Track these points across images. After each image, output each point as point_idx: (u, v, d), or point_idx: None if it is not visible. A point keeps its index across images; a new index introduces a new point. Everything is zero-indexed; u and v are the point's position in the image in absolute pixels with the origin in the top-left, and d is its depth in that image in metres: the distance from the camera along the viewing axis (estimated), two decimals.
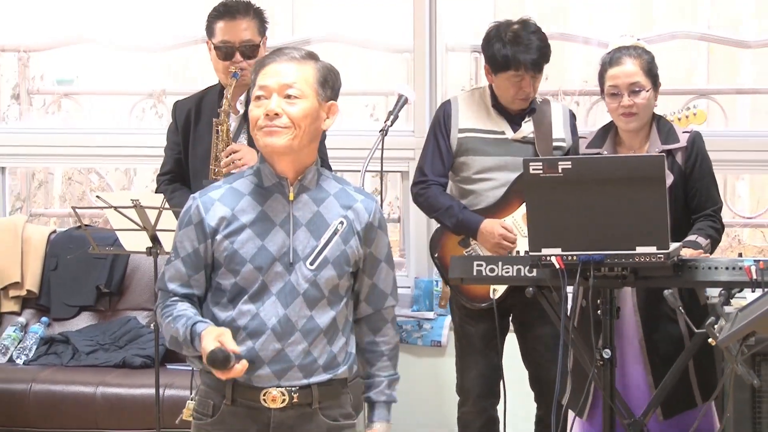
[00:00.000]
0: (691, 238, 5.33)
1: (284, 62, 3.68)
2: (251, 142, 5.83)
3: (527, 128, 5.88)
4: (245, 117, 5.88)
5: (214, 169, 5.74)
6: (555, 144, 5.82)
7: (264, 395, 3.66)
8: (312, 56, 3.73)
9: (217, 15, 5.86)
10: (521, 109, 5.91)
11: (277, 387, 3.66)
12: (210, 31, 5.85)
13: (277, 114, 3.63)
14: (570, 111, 6.05)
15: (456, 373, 6.18)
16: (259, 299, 3.66)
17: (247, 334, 3.65)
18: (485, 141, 5.91)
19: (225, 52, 5.79)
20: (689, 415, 5.34)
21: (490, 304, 5.80)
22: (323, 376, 3.69)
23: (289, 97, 3.65)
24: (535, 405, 6.11)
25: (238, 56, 5.78)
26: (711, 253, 5.40)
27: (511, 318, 6.05)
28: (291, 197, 3.70)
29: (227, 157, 5.70)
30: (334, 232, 3.71)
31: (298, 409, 3.69)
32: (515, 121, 5.92)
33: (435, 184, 5.95)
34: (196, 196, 3.78)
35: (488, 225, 5.76)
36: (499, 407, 5.94)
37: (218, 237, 3.66)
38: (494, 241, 5.73)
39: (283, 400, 3.66)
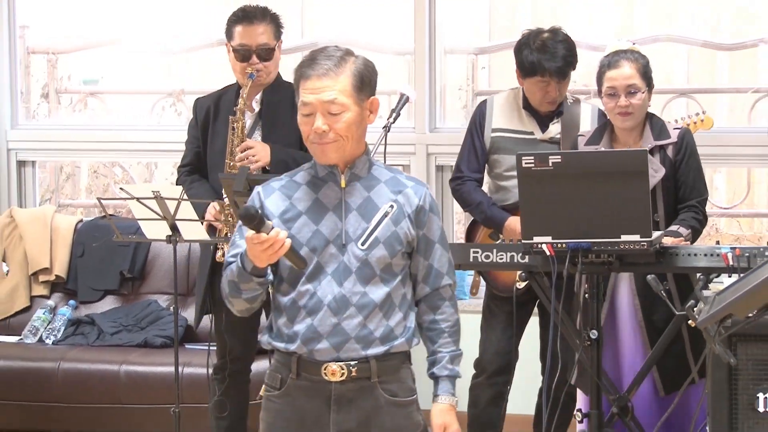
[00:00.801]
0: (673, 228, 5.33)
1: (321, 77, 3.63)
2: (265, 139, 5.85)
3: (555, 129, 5.88)
4: (260, 114, 5.89)
5: (230, 163, 5.74)
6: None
7: (324, 369, 3.65)
8: (345, 59, 3.68)
9: (236, 19, 5.86)
10: (551, 111, 5.91)
11: (337, 361, 3.65)
12: (229, 34, 5.85)
13: (324, 131, 3.63)
14: (599, 110, 5.99)
15: (479, 349, 6.18)
16: (315, 279, 3.66)
17: (306, 312, 3.65)
18: (515, 141, 5.91)
19: (243, 54, 5.78)
20: (688, 391, 5.34)
21: (516, 290, 5.82)
22: (380, 348, 3.67)
23: (332, 113, 3.63)
24: (539, 379, 6.12)
25: (254, 58, 5.78)
26: (692, 242, 5.40)
27: (537, 303, 6.04)
28: (343, 184, 3.70)
29: (242, 152, 5.71)
30: (384, 215, 3.69)
31: (358, 383, 3.67)
32: (544, 122, 5.91)
33: (470, 180, 5.96)
34: (259, 188, 3.79)
35: (512, 222, 5.76)
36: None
37: (276, 222, 3.65)
38: (517, 238, 5.73)
39: (342, 374, 3.65)
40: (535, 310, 6.03)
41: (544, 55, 5.74)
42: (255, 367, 6.13)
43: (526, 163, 4.88)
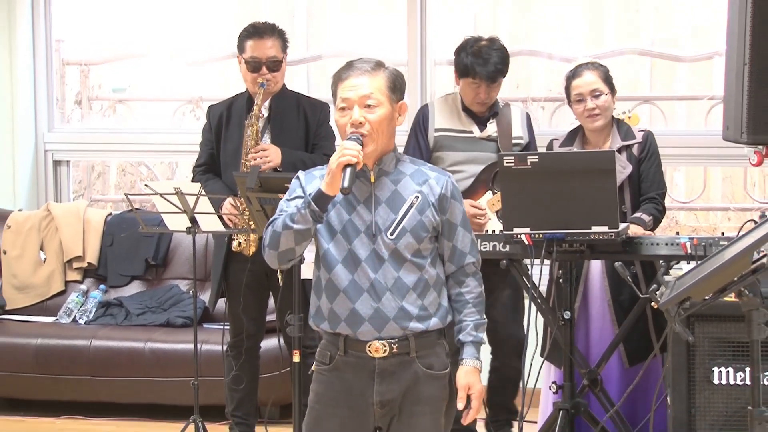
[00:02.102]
0: (637, 215, 5.37)
1: (359, 76, 3.66)
2: (274, 141, 5.84)
3: (491, 128, 5.86)
4: (269, 119, 5.89)
5: (245, 163, 5.74)
6: (514, 141, 5.79)
7: (369, 347, 3.67)
8: (380, 65, 3.71)
9: (247, 35, 5.86)
10: (484, 112, 5.89)
11: (379, 339, 3.66)
12: (241, 47, 5.85)
13: (360, 123, 3.62)
14: (526, 113, 6.01)
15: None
16: (351, 266, 3.66)
17: (347, 297, 3.66)
18: (456, 139, 5.89)
19: (254, 66, 5.79)
20: (650, 365, 5.34)
21: None
22: (417, 326, 3.67)
23: (368, 106, 3.63)
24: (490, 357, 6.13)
25: (264, 69, 5.79)
26: (654, 229, 5.40)
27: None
28: (372, 179, 3.68)
29: (257, 153, 5.70)
30: (410, 206, 3.68)
31: (398, 358, 3.68)
32: (482, 122, 5.89)
33: None
34: (300, 173, 3.79)
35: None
36: None
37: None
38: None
39: (385, 351, 3.66)
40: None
41: (478, 60, 5.73)
42: (264, 345, 6.14)
43: (507, 163, 4.88)
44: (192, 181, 5.82)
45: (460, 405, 3.76)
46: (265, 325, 6.12)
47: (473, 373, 3.77)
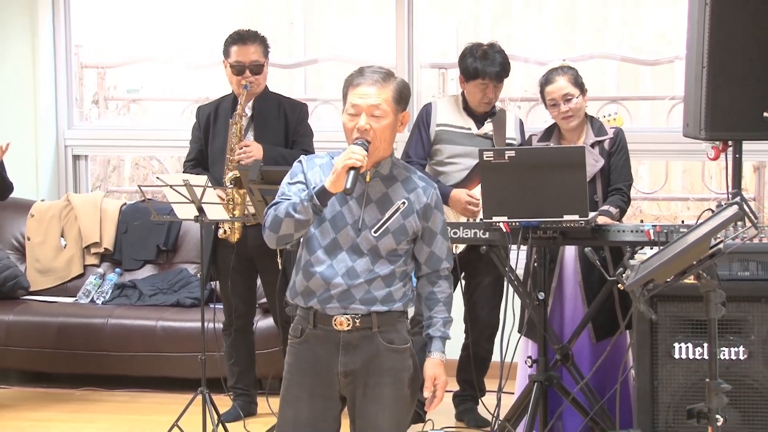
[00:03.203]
0: (604, 208, 5.35)
1: (370, 85, 3.64)
2: (257, 138, 5.88)
3: (487, 127, 5.89)
4: (252, 119, 5.93)
5: (230, 158, 5.82)
6: (507, 141, 5.82)
7: (334, 321, 3.67)
8: (390, 76, 3.69)
9: (232, 41, 5.92)
10: (485, 112, 5.91)
11: (344, 314, 3.66)
12: (226, 53, 5.91)
13: (366, 130, 3.61)
14: (520, 119, 6.07)
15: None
16: (333, 252, 3.66)
17: (323, 278, 3.65)
18: (456, 134, 5.92)
19: (238, 70, 5.85)
20: (616, 341, 5.34)
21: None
22: (381, 308, 3.68)
23: (374, 116, 3.62)
24: (461, 337, 6.15)
25: (248, 73, 5.85)
26: (620, 219, 5.40)
27: (463, 271, 6.05)
28: (368, 179, 3.67)
29: (240, 149, 5.74)
30: (397, 210, 3.69)
31: (361, 332, 3.68)
32: (479, 121, 5.92)
33: (417, 164, 5.96)
34: (303, 158, 3.79)
35: (457, 193, 5.77)
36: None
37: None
38: (462, 206, 5.74)
39: (349, 324, 3.67)
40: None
41: (485, 62, 5.78)
42: (265, 323, 6.14)
43: (486, 157, 4.87)
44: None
45: (427, 394, 3.78)
46: (255, 304, 6.17)
47: (439, 365, 3.79)
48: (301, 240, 3.76)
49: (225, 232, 5.84)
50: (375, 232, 3.66)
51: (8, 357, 7.01)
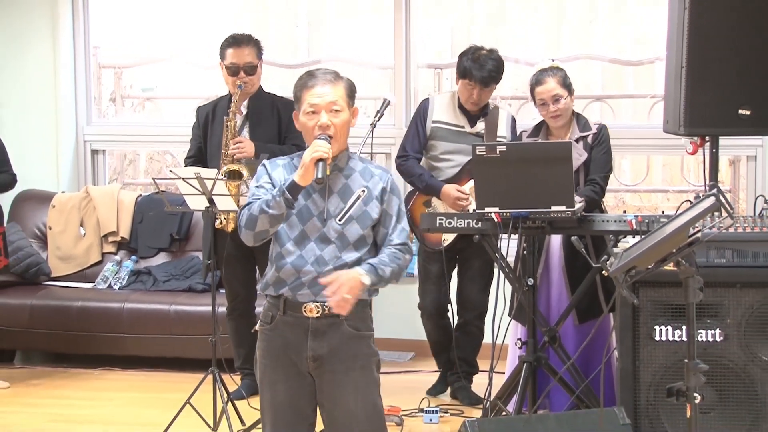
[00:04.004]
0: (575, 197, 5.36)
1: (324, 84, 3.66)
2: (252, 135, 5.94)
3: (480, 126, 5.90)
4: (247, 116, 5.98)
5: (225, 153, 5.87)
6: (498, 139, 5.81)
7: (304, 308, 3.64)
8: (339, 76, 3.73)
9: (227, 44, 5.97)
10: (477, 112, 5.91)
11: (314, 302, 3.64)
12: (222, 55, 5.96)
13: (328, 125, 3.63)
14: (512, 117, 6.05)
15: (419, 299, 6.21)
16: (302, 243, 3.65)
17: (294, 268, 3.64)
18: (450, 131, 5.92)
19: (233, 71, 5.90)
20: (600, 324, 5.35)
21: (441, 248, 5.92)
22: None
23: (333, 111, 3.65)
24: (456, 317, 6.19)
25: (242, 74, 5.88)
26: (591, 207, 5.34)
27: (455, 258, 6.07)
28: (328, 172, 3.64)
29: (234, 145, 5.76)
30: (357, 198, 3.68)
31: (329, 320, 3.65)
32: (473, 120, 5.94)
33: (413, 158, 5.99)
34: (265, 162, 3.79)
35: (447, 188, 5.78)
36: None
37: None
38: (452, 200, 5.75)
39: (318, 312, 3.64)
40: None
41: (475, 65, 5.78)
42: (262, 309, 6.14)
43: (479, 152, 4.87)
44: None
45: (327, 292, 3.59)
46: (255, 289, 6.17)
47: (354, 275, 3.59)
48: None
49: (221, 222, 5.86)
50: (340, 220, 3.66)
51: (31, 339, 7.03)
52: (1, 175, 6.57)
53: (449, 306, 6.11)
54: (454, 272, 6.16)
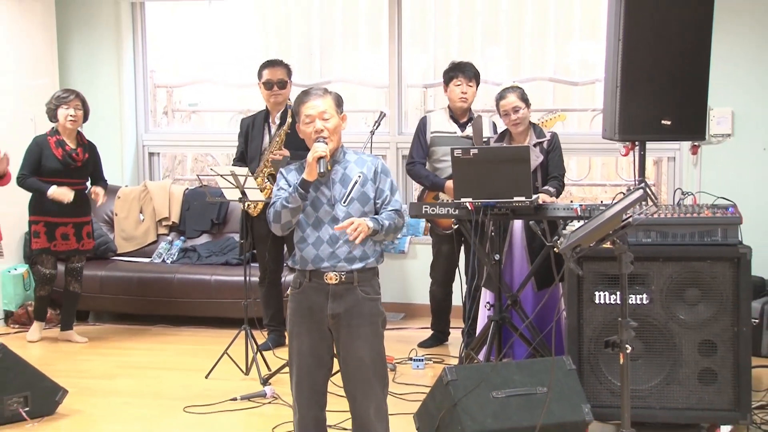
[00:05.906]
0: (545, 188, 5.39)
1: (316, 99, 3.67)
2: (284, 143, 5.92)
3: (469, 130, 5.90)
4: (279, 127, 5.98)
5: (268, 157, 5.89)
6: (484, 139, 5.80)
7: (326, 276, 3.63)
8: (327, 91, 3.73)
9: (264, 66, 6.06)
10: (467, 119, 5.91)
11: (333, 271, 3.62)
12: (260, 75, 6.03)
13: (321, 130, 3.63)
14: (493, 121, 6.11)
15: (430, 270, 6.20)
16: (318, 226, 3.64)
17: (313, 245, 3.63)
18: (445, 138, 5.95)
19: (269, 86, 5.97)
20: (552, 291, 5.35)
21: (451, 231, 5.96)
22: (359, 264, 3.63)
23: (325, 119, 3.64)
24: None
25: (275, 88, 5.89)
26: (557, 196, 5.40)
27: (463, 239, 6.06)
28: (329, 167, 3.65)
29: (275, 154, 5.85)
30: (355, 182, 3.66)
31: (345, 285, 3.63)
32: (462, 126, 5.96)
33: (419, 163, 6.01)
34: (282, 169, 3.77)
35: (449, 184, 5.77)
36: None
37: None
38: (452, 195, 5.75)
39: (336, 278, 3.62)
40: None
41: (459, 66, 5.94)
42: (288, 279, 6.13)
43: (456, 154, 4.87)
44: None
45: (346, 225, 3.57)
46: (283, 263, 6.17)
47: (360, 220, 3.59)
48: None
49: (249, 207, 5.87)
50: (344, 202, 3.64)
51: (101, 302, 7.04)
52: (101, 182, 6.52)
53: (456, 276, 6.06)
54: (462, 250, 6.16)
